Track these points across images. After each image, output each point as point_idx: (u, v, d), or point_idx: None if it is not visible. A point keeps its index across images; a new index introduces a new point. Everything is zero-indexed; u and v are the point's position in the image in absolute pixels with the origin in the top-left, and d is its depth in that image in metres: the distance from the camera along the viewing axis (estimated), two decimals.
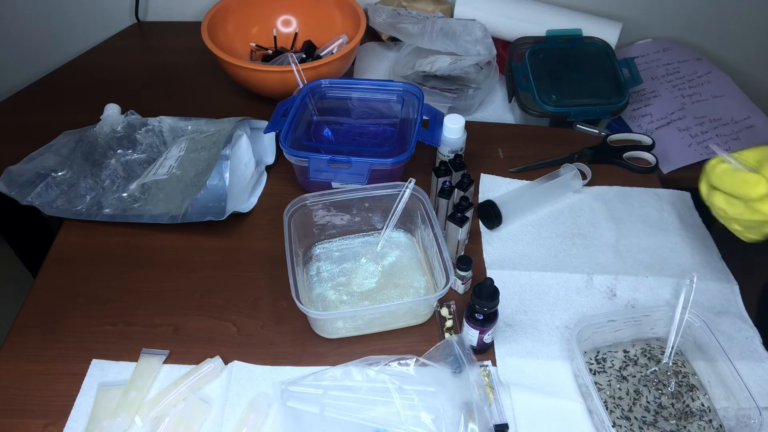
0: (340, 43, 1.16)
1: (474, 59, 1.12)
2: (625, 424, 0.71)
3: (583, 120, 1.09)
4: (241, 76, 1.07)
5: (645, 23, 1.31)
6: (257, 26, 1.21)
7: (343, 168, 0.88)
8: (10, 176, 0.94)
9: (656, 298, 0.84)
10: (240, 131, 0.95)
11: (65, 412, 0.71)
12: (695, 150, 1.05)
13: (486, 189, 0.98)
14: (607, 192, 0.99)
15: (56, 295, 0.83)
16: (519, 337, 0.79)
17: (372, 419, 0.69)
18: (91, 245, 0.90)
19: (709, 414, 0.72)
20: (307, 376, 0.74)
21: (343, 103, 1.02)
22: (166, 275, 0.86)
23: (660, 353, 0.78)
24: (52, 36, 1.33)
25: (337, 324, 0.77)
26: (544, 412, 0.72)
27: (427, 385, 0.72)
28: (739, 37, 1.33)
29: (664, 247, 0.90)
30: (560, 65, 1.09)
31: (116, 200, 0.93)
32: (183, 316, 0.81)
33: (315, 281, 0.84)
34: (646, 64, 1.22)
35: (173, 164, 0.94)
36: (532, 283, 0.85)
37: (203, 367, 0.74)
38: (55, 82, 1.20)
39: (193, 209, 0.87)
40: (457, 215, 0.82)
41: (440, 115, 0.96)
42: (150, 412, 0.70)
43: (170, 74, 1.22)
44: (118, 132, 0.99)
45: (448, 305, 0.82)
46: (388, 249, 0.87)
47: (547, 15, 1.18)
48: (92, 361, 0.76)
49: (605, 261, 0.88)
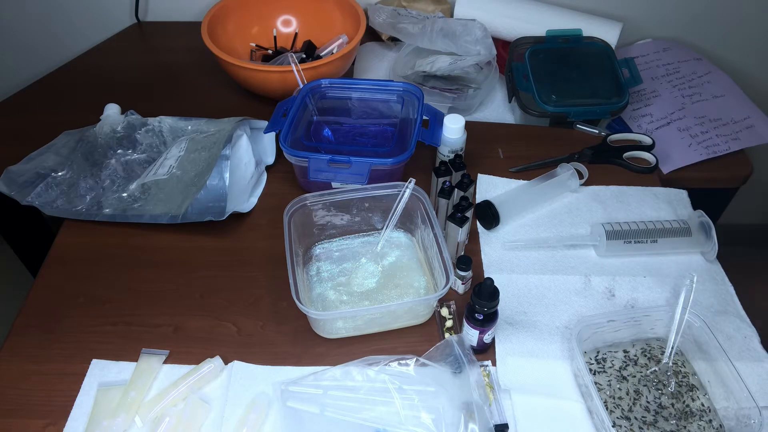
0: (340, 43, 1.16)
1: (474, 59, 1.12)
2: (625, 424, 0.71)
3: (583, 120, 1.09)
4: (241, 76, 1.07)
5: (645, 23, 1.31)
6: (257, 26, 1.21)
7: (343, 168, 0.88)
8: (10, 176, 0.94)
9: (655, 298, 0.84)
10: (240, 131, 0.95)
11: (65, 412, 0.71)
12: (695, 150, 1.06)
13: (483, 189, 0.98)
14: (605, 192, 0.99)
15: (56, 295, 0.83)
16: (519, 337, 0.79)
17: (372, 419, 0.69)
18: (91, 245, 0.90)
19: (709, 414, 0.72)
20: (307, 376, 0.74)
21: (343, 103, 1.02)
22: (166, 275, 0.86)
23: (660, 353, 0.78)
24: (52, 36, 1.33)
25: (337, 324, 0.77)
26: (544, 412, 0.72)
27: (427, 385, 0.72)
28: (739, 37, 1.34)
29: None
30: (560, 65, 1.09)
31: (116, 200, 0.93)
32: (183, 316, 0.81)
33: (315, 281, 0.84)
34: (646, 64, 1.22)
35: (173, 164, 0.94)
36: (530, 285, 0.85)
37: (203, 367, 0.74)
38: (55, 82, 1.20)
39: (193, 209, 0.87)
40: (457, 215, 0.82)
41: (440, 115, 0.96)
42: (150, 412, 0.70)
43: (170, 74, 1.22)
44: (118, 132, 0.99)
45: (448, 305, 0.82)
46: (388, 249, 0.87)
47: (547, 15, 1.18)
48: (92, 361, 0.76)
49: (603, 261, 0.88)
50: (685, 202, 0.97)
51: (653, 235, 0.87)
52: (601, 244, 0.88)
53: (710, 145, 1.06)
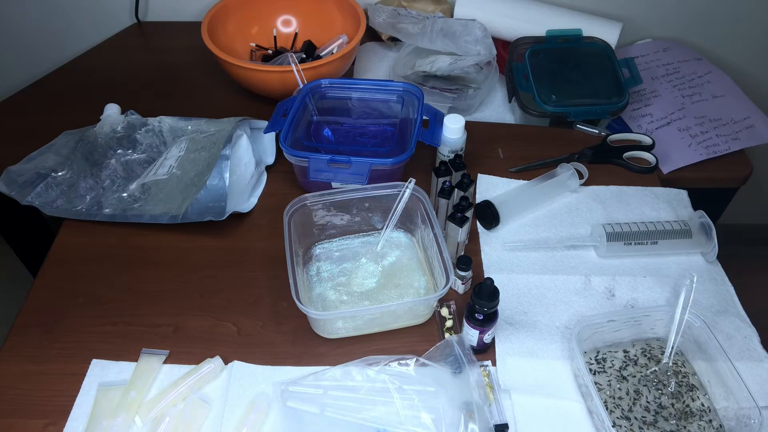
0: (340, 43, 1.16)
1: (474, 59, 1.12)
2: (625, 424, 0.71)
3: (583, 120, 1.09)
4: (241, 76, 1.07)
5: (645, 23, 1.31)
6: (257, 26, 1.21)
7: (343, 168, 0.88)
8: (10, 176, 0.94)
9: (655, 297, 0.84)
10: (240, 131, 0.95)
11: (65, 412, 0.71)
12: (695, 150, 1.06)
13: (483, 189, 0.98)
14: (605, 192, 0.98)
15: (56, 295, 0.83)
16: (519, 337, 0.79)
17: (372, 419, 0.69)
18: (91, 245, 0.90)
19: (709, 414, 0.72)
20: (307, 376, 0.74)
21: (343, 103, 1.02)
22: (166, 275, 0.86)
23: (660, 353, 0.78)
24: (52, 36, 1.33)
25: (337, 324, 0.77)
26: (544, 412, 0.72)
27: (427, 385, 0.72)
28: (739, 37, 1.34)
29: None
30: (560, 65, 1.09)
31: (116, 200, 0.93)
32: (183, 316, 0.81)
33: (315, 281, 0.84)
34: (646, 64, 1.22)
35: (173, 164, 0.94)
36: (530, 285, 0.85)
37: (203, 367, 0.74)
38: (55, 82, 1.20)
39: (193, 209, 0.87)
40: (457, 215, 0.82)
41: (440, 115, 0.96)
42: (150, 412, 0.70)
43: (170, 74, 1.22)
44: (118, 132, 0.99)
45: (448, 305, 0.82)
46: (388, 249, 0.87)
47: (547, 15, 1.18)
48: (92, 361, 0.76)
49: (603, 261, 0.88)
50: (685, 202, 0.97)
51: (654, 237, 0.87)
52: (601, 246, 0.88)
53: (710, 145, 1.06)
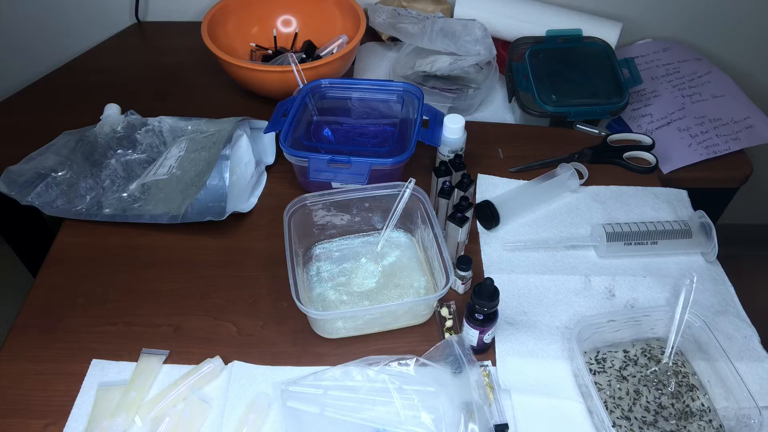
0: (340, 43, 1.16)
1: (474, 59, 1.12)
2: (625, 424, 0.71)
3: (583, 120, 1.09)
4: (241, 76, 1.07)
5: (645, 23, 1.31)
6: (257, 26, 1.21)
7: (343, 168, 0.88)
8: (10, 176, 0.94)
9: (655, 298, 0.84)
10: (240, 131, 0.95)
11: (65, 412, 0.71)
12: (695, 150, 1.06)
13: (483, 189, 0.98)
14: (605, 192, 0.98)
15: (56, 295, 0.83)
16: (519, 337, 0.79)
17: (372, 419, 0.69)
18: (91, 245, 0.90)
19: (709, 414, 0.72)
20: (307, 376, 0.74)
21: (343, 103, 1.02)
22: (166, 275, 0.86)
23: (660, 353, 0.78)
24: (52, 36, 1.33)
25: (337, 324, 0.77)
26: (544, 412, 0.72)
27: (427, 385, 0.72)
28: (739, 37, 1.34)
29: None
30: (560, 65, 1.09)
31: (116, 200, 0.93)
32: (183, 316, 0.81)
33: (315, 281, 0.84)
34: (646, 64, 1.22)
35: (173, 164, 0.94)
36: (530, 285, 0.85)
37: (203, 367, 0.74)
38: (55, 82, 1.20)
39: (193, 209, 0.87)
40: (457, 215, 0.82)
41: (440, 115, 0.96)
42: (150, 412, 0.70)
43: (170, 74, 1.22)
44: (118, 132, 0.99)
45: (448, 305, 0.82)
46: (388, 249, 0.87)
47: (547, 15, 1.18)
48: (92, 361, 0.76)
49: (603, 261, 0.88)
50: (685, 202, 0.97)
51: (654, 237, 0.87)
52: (601, 246, 0.88)
53: (710, 145, 1.06)
